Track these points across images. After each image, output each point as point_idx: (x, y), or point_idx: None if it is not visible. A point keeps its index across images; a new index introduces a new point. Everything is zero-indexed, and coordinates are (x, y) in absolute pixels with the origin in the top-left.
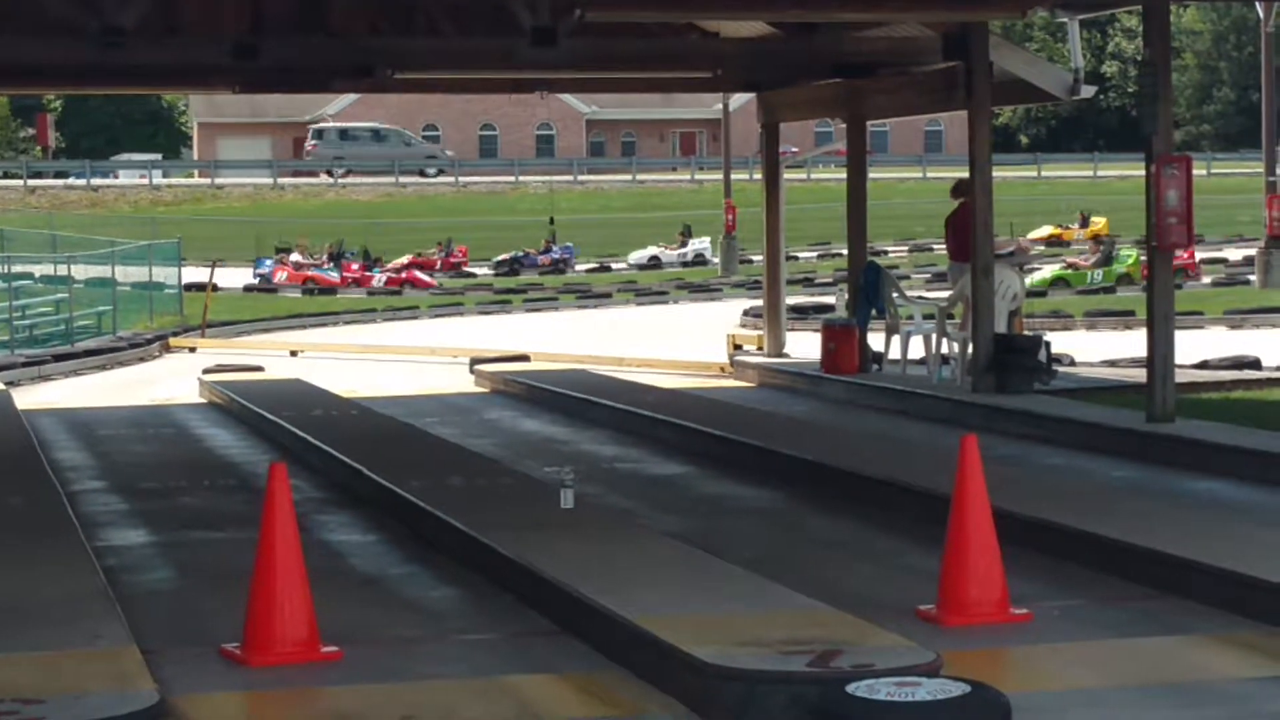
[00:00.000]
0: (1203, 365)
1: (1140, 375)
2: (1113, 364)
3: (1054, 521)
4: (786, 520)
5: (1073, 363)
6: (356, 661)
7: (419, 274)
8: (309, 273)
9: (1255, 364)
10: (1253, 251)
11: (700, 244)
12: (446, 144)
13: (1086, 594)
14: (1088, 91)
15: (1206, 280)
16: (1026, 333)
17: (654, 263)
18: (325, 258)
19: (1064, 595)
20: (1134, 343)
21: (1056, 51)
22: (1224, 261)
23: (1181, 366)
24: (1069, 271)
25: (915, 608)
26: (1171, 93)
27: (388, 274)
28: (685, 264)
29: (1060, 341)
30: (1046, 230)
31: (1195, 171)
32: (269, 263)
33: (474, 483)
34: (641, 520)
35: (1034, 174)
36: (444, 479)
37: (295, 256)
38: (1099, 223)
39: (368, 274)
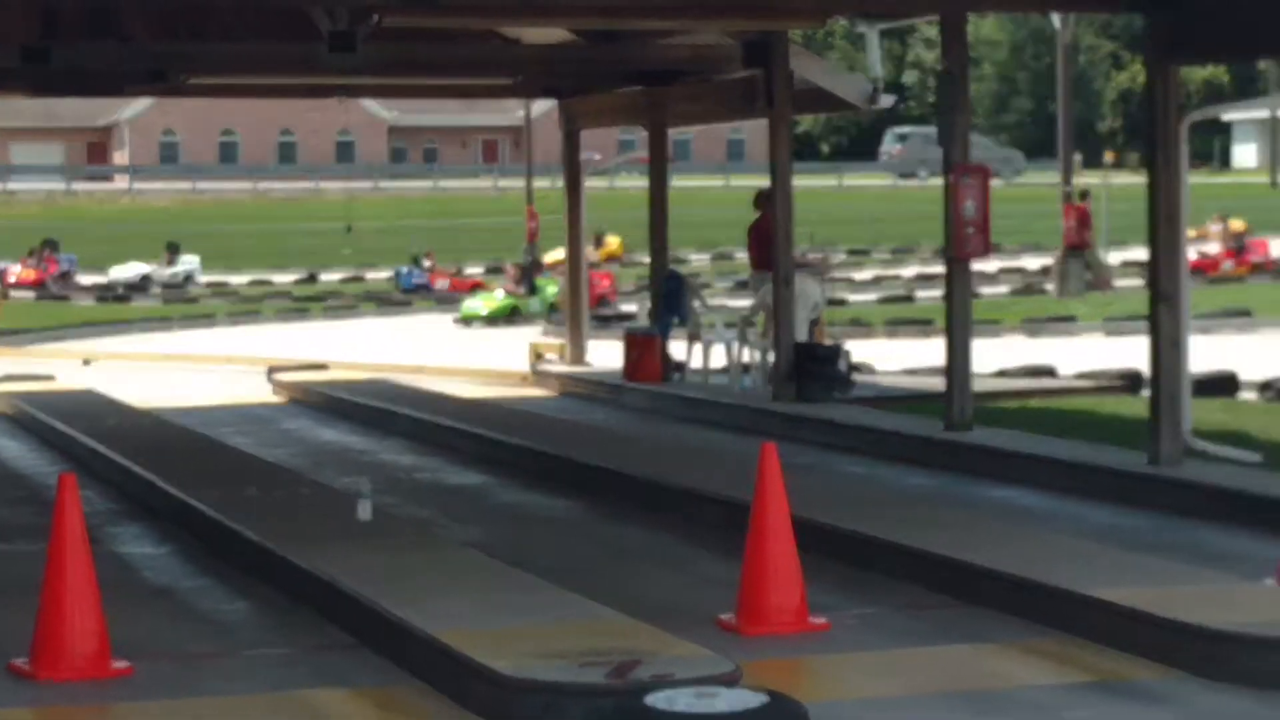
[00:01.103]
0: (1000, 374)
1: (939, 383)
2: (912, 372)
3: (853, 530)
4: (587, 530)
5: (872, 371)
6: (148, 677)
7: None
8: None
9: (1051, 372)
10: (1050, 260)
11: (189, 262)
12: (244, 149)
13: (885, 602)
14: (887, 101)
15: (1004, 289)
16: (827, 341)
17: (144, 282)
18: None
19: (862, 604)
20: (933, 351)
21: (857, 61)
22: (1021, 270)
23: (979, 375)
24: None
25: (715, 617)
26: (969, 103)
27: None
28: (173, 285)
29: (861, 350)
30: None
31: (993, 181)
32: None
33: (270, 494)
34: (440, 531)
35: (835, 183)
36: (239, 490)
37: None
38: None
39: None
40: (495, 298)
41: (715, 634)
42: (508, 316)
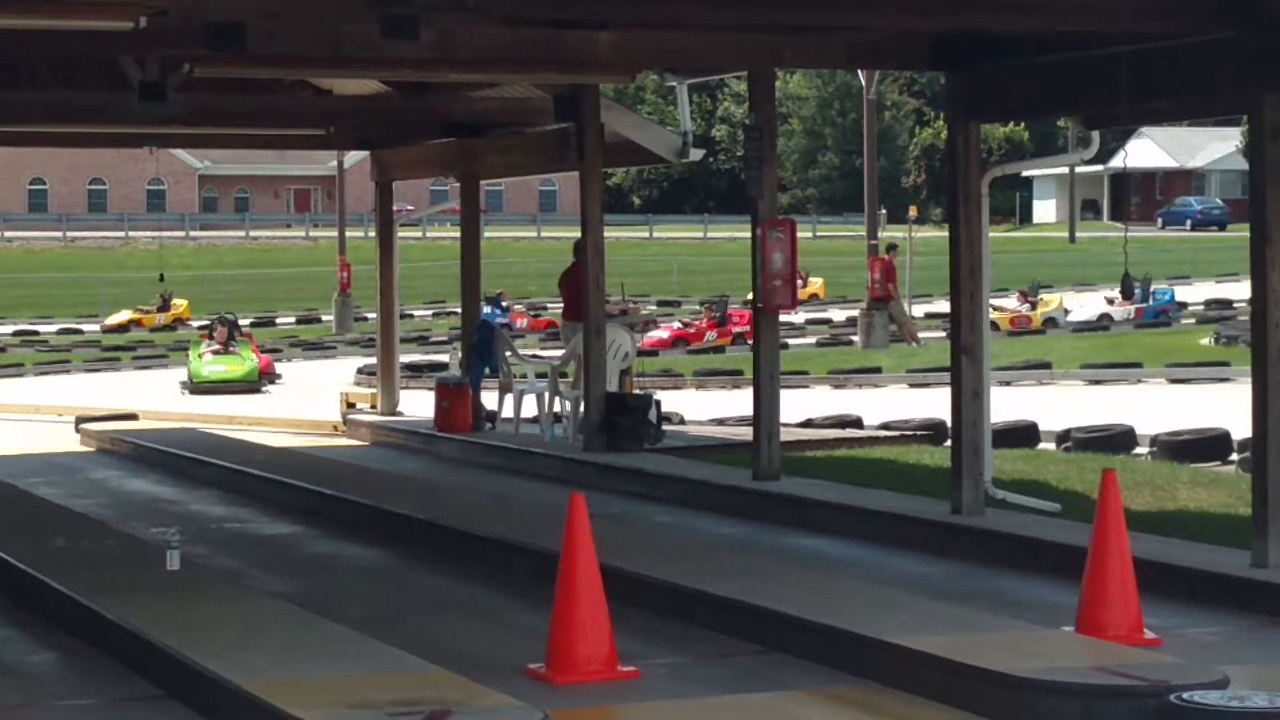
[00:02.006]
0: (807, 424)
1: (747, 433)
2: (721, 422)
3: (661, 579)
4: (397, 579)
5: (682, 421)
6: None
7: None
8: None
9: (857, 423)
10: (856, 313)
11: None
12: (53, 197)
13: (693, 650)
14: (697, 154)
15: (811, 340)
16: (637, 391)
17: None
18: None
19: (671, 652)
20: (742, 401)
21: (668, 114)
22: (829, 322)
23: (787, 425)
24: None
25: (525, 666)
26: (777, 157)
27: None
28: None
29: (671, 400)
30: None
31: (801, 234)
32: None
33: (78, 544)
34: (249, 581)
35: (646, 234)
36: (46, 540)
37: None
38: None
39: None
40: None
41: (525, 683)
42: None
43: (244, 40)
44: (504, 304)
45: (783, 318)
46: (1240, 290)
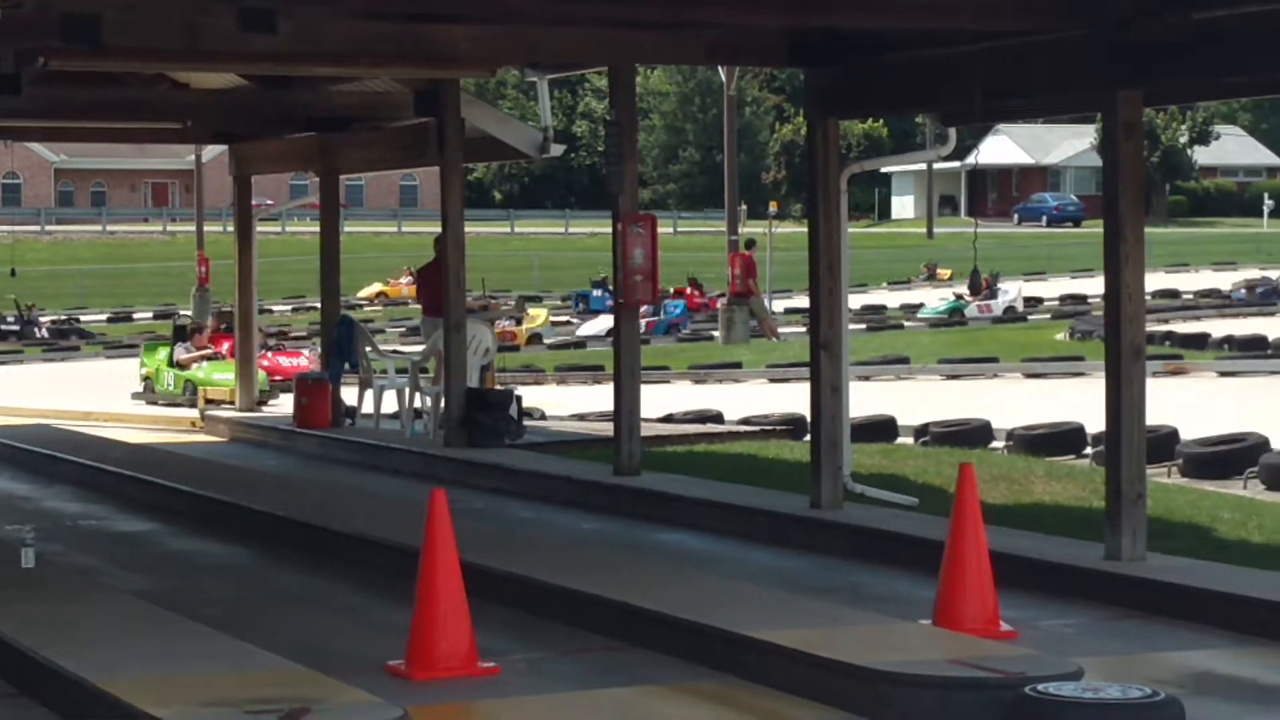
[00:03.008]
0: (668, 419)
1: (609, 429)
2: (582, 418)
3: (522, 574)
4: (256, 577)
5: (543, 417)
6: None
7: None
8: None
9: (718, 418)
10: (716, 308)
11: None
12: None
13: (553, 646)
14: (557, 150)
15: (671, 336)
16: (498, 387)
17: None
18: None
19: (531, 648)
20: (603, 397)
21: (529, 110)
22: (691, 317)
23: (648, 420)
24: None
25: (385, 663)
26: (637, 152)
27: None
28: None
29: (532, 396)
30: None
31: (662, 230)
32: None
33: None
34: (106, 579)
35: (508, 230)
36: None
37: None
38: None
39: None
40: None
41: (385, 680)
42: None
43: (99, 33)
44: (610, 287)
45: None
46: (1095, 286)
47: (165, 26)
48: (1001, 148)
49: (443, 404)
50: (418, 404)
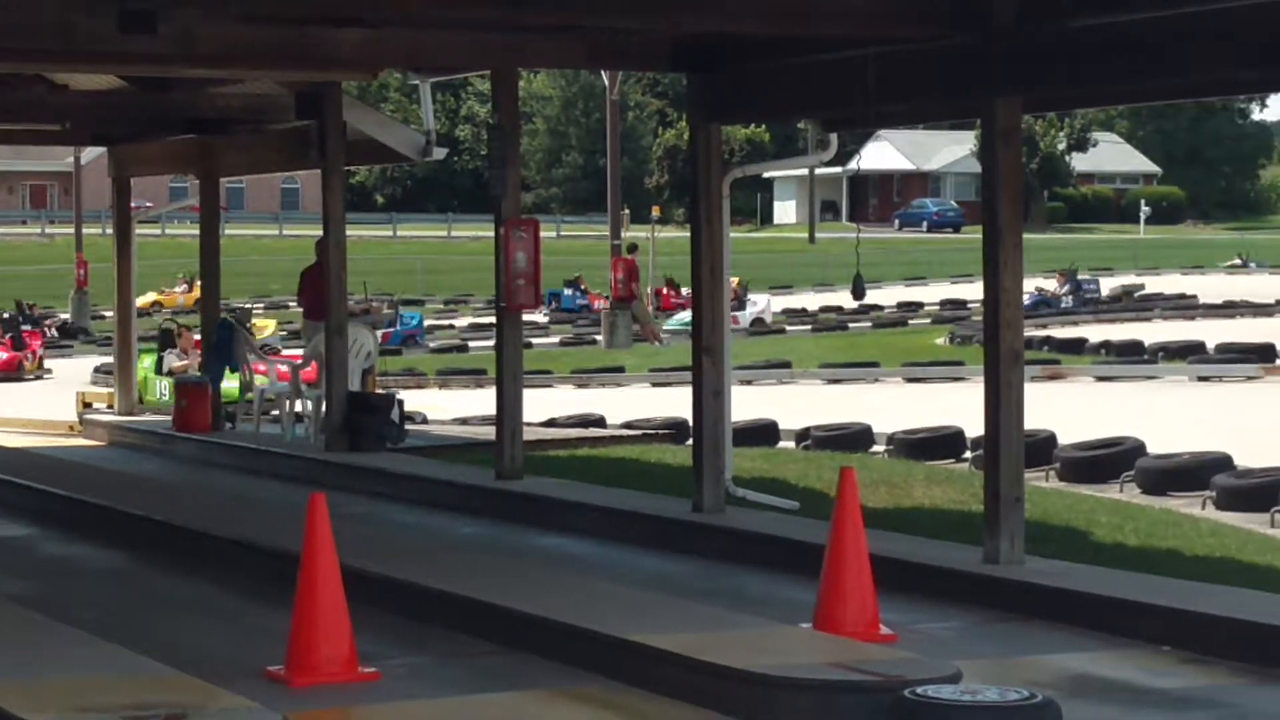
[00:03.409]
0: (551, 423)
1: (491, 433)
2: (464, 422)
3: (403, 579)
4: (133, 581)
5: (425, 421)
6: None
7: None
8: None
9: (600, 422)
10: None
11: None
12: None
13: (435, 650)
14: (440, 153)
15: (555, 340)
16: (380, 391)
17: None
18: None
19: (412, 652)
20: (486, 401)
21: (412, 113)
22: (572, 321)
23: (530, 424)
24: None
25: (265, 668)
26: (520, 156)
27: None
28: None
29: (414, 400)
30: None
31: (545, 234)
32: None
33: None
34: None
35: (390, 233)
36: None
37: None
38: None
39: None
40: None
41: (264, 685)
42: None
43: None
44: (583, 286)
45: (526, 316)
46: (974, 291)
47: (42, 27)
48: (883, 153)
49: (324, 408)
50: (299, 408)
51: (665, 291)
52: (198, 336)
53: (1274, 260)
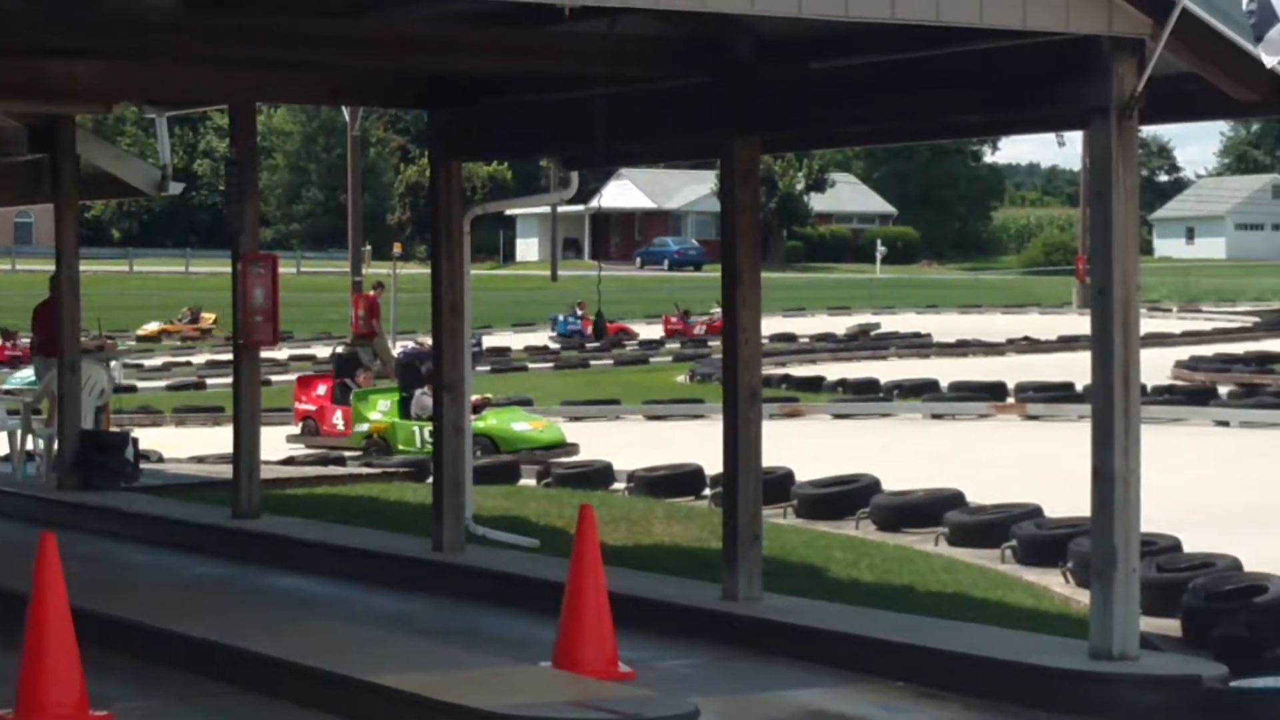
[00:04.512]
0: (289, 461)
1: (228, 471)
2: (201, 460)
3: (135, 620)
4: None
5: (161, 459)
6: None
7: None
8: None
9: (339, 460)
10: (341, 349)
11: None
12: None
13: (167, 693)
14: (176, 188)
15: (293, 376)
16: (114, 429)
17: None
18: None
19: (145, 695)
20: (223, 439)
21: (149, 147)
22: (312, 358)
23: (268, 463)
24: None
25: None
26: (259, 192)
27: None
28: None
29: (149, 437)
30: (155, 325)
31: (285, 269)
32: None
33: None
34: None
35: (126, 268)
36: None
37: None
38: (209, 317)
39: None
40: None
41: None
42: None
43: None
44: (579, 312)
45: (265, 354)
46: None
47: None
48: (625, 192)
49: (56, 446)
50: (30, 445)
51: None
52: None
53: (1002, 301)
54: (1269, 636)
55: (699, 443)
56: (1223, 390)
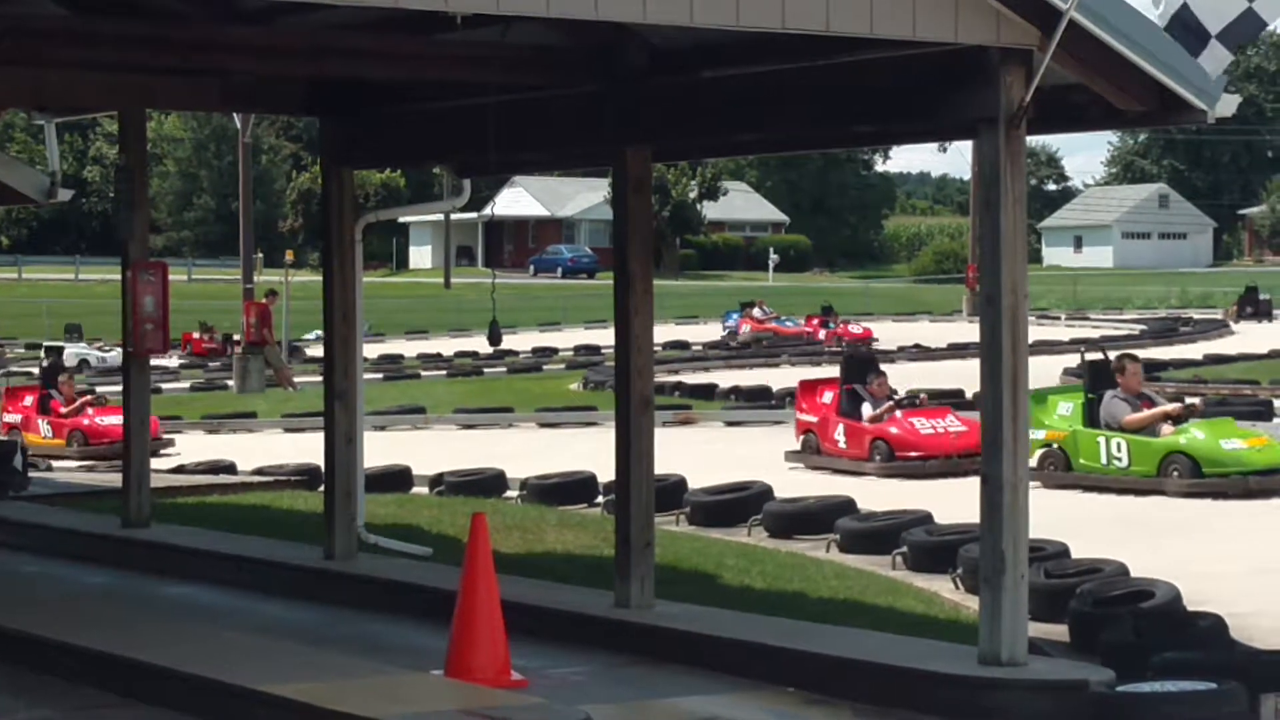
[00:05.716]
0: (180, 469)
1: (118, 480)
2: (91, 469)
3: (22, 631)
4: None
5: (50, 468)
6: None
7: None
8: None
9: (231, 468)
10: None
11: None
12: None
13: (56, 705)
14: (66, 195)
15: (186, 385)
16: (1, 438)
17: None
18: None
19: (33, 706)
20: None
21: (38, 153)
22: (204, 366)
23: (158, 471)
24: None
25: None
26: (149, 198)
27: None
28: None
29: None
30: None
31: (176, 277)
32: None
33: None
34: None
35: (15, 275)
36: None
37: None
38: None
39: None
40: None
41: None
42: None
43: None
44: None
45: (155, 361)
46: (607, 336)
47: None
48: (519, 200)
49: None
50: None
51: (199, 337)
52: None
53: (893, 309)
54: (1155, 642)
55: (592, 450)
56: None
